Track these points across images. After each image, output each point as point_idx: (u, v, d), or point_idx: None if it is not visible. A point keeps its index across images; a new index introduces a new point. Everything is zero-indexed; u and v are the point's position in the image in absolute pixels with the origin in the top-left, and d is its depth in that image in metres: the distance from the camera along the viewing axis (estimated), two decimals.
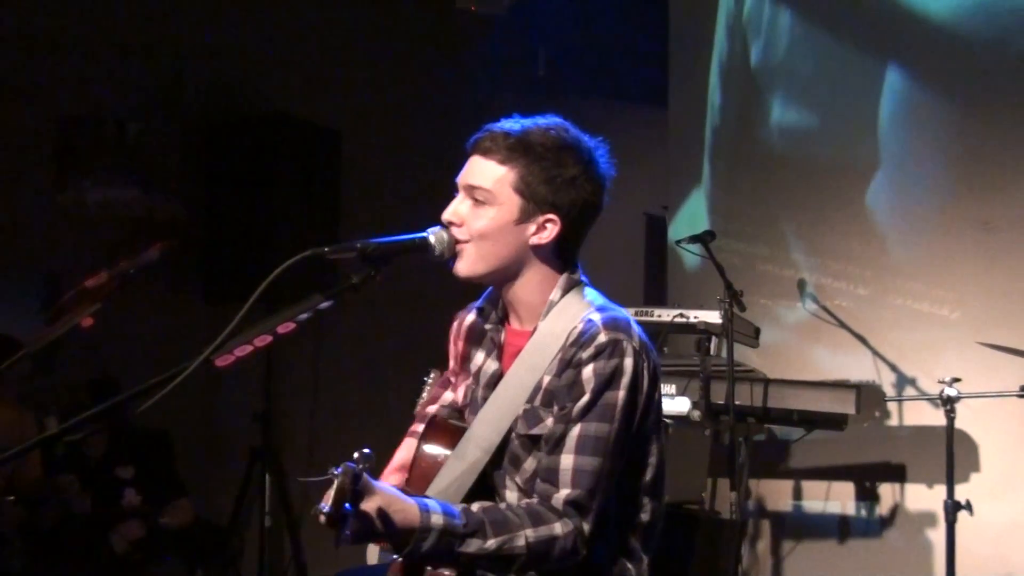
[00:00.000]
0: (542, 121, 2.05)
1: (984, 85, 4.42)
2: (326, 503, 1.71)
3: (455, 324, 2.25)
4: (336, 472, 1.73)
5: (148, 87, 4.89)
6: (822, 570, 4.63)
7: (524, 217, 2.01)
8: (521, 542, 1.88)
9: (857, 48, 4.80)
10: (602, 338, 1.96)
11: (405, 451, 2.23)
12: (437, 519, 1.84)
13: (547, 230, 2.02)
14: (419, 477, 2.06)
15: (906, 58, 4.64)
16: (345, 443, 2.28)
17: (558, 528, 1.91)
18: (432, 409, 2.32)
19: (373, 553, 3.35)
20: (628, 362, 1.95)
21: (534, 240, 2.02)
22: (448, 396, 2.31)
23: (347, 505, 1.73)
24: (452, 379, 2.28)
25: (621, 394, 1.95)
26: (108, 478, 4.23)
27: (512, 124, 2.04)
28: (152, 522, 4.19)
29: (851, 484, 4.59)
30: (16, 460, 3.88)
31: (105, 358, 4.31)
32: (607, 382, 1.94)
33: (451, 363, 2.27)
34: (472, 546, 1.86)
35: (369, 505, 1.79)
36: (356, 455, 1.76)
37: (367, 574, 2.76)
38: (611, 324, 1.98)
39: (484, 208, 2.01)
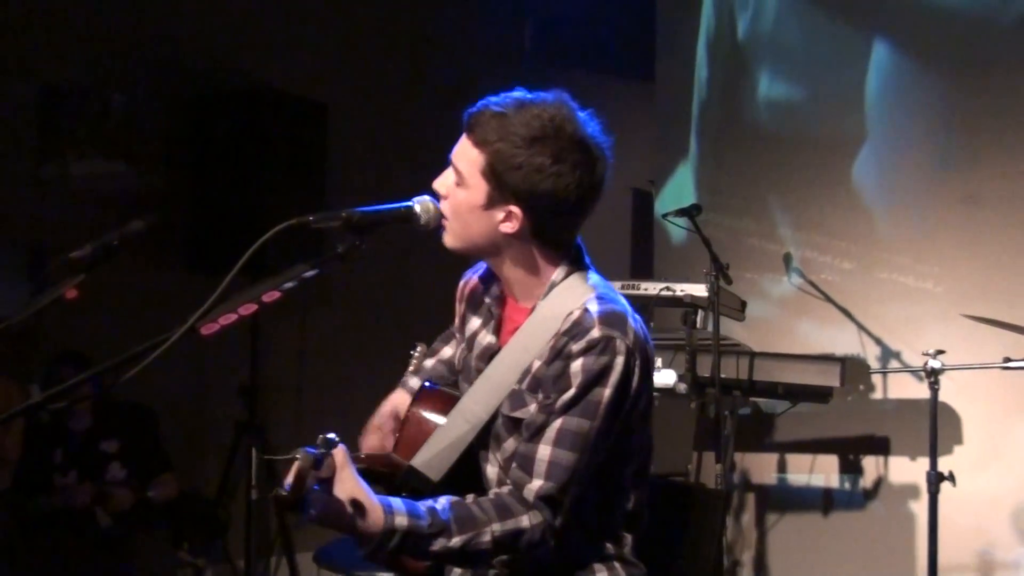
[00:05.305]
0: (539, 100, 1.92)
1: (970, 59, 4.42)
2: (287, 484, 1.69)
3: (462, 283, 2.21)
4: (300, 454, 1.72)
5: (133, 59, 4.84)
6: (806, 542, 4.66)
7: (490, 204, 1.93)
8: (487, 537, 1.87)
9: (844, 22, 4.79)
10: (595, 333, 1.89)
11: (391, 402, 2.23)
12: (401, 520, 1.82)
13: (510, 222, 1.94)
14: (409, 439, 2.05)
15: (893, 32, 4.63)
16: (331, 417, 2.28)
17: (525, 521, 1.89)
18: (429, 363, 2.30)
19: None
20: (619, 360, 1.89)
21: (503, 228, 1.94)
22: (447, 352, 2.30)
23: (315, 486, 1.73)
24: (456, 335, 2.26)
25: (607, 392, 1.90)
26: (93, 452, 4.21)
27: (502, 102, 1.93)
28: (138, 496, 4.18)
29: (835, 457, 4.62)
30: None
31: (89, 329, 4.28)
32: (595, 379, 1.89)
33: (456, 320, 2.24)
34: (437, 545, 1.85)
35: (342, 491, 1.78)
36: (319, 439, 1.74)
37: (349, 547, 2.76)
38: (606, 319, 1.91)
39: (459, 188, 1.96)
